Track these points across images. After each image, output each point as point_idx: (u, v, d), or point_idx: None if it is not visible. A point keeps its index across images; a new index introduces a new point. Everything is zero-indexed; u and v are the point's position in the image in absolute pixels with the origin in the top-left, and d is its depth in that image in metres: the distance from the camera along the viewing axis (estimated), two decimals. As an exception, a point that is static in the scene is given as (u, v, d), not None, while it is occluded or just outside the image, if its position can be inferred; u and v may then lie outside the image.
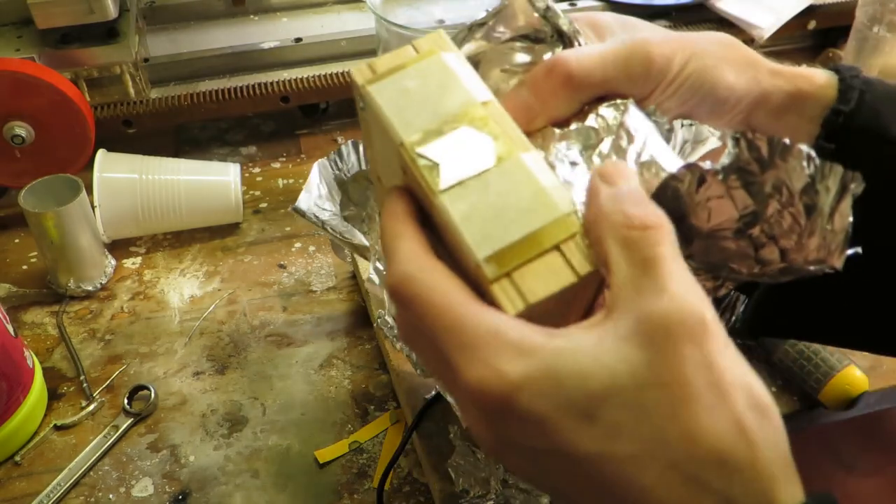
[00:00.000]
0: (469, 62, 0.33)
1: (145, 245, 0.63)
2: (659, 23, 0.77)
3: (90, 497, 0.46)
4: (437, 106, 0.30)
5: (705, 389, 0.23)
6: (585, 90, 0.33)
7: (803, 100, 0.36)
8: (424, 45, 0.31)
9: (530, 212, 0.28)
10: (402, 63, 0.31)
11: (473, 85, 0.30)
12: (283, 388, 0.52)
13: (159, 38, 0.72)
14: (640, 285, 0.25)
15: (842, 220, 0.29)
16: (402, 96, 0.30)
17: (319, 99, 0.71)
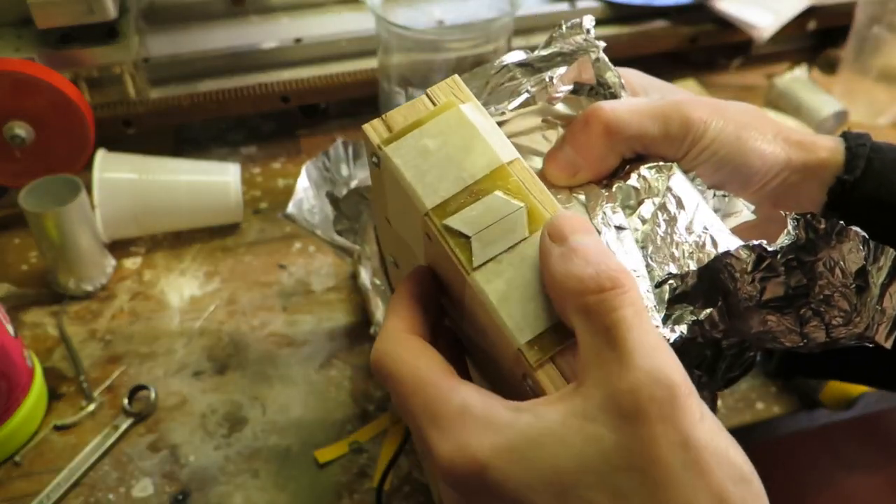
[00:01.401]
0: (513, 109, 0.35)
1: (145, 245, 0.63)
2: (659, 23, 0.77)
3: (90, 497, 0.46)
4: (460, 168, 0.27)
5: (682, 470, 0.22)
6: (622, 142, 0.33)
7: (816, 169, 0.36)
8: (440, 94, 0.29)
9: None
10: (419, 119, 0.28)
11: (497, 141, 0.28)
12: (283, 388, 0.52)
13: (159, 38, 0.72)
14: (604, 358, 0.24)
15: (892, 301, 0.30)
16: (422, 158, 0.28)
17: (319, 99, 0.71)
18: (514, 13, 0.54)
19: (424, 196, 0.27)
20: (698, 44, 0.78)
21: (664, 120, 0.33)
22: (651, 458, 0.22)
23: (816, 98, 0.73)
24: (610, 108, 0.34)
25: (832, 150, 0.36)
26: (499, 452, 0.23)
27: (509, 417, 0.24)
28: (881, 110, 0.75)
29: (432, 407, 0.25)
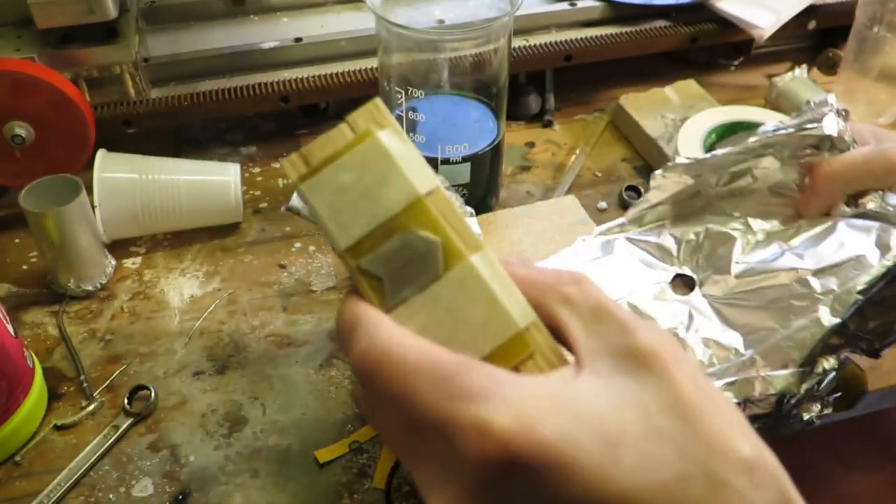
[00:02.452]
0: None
1: (145, 245, 0.63)
2: (659, 23, 0.77)
3: (90, 497, 0.46)
4: (376, 204, 0.26)
5: (709, 402, 0.24)
6: (837, 184, 0.46)
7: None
8: (360, 121, 0.28)
9: (485, 329, 0.25)
10: (337, 151, 0.27)
11: (415, 171, 0.27)
12: (283, 388, 0.52)
13: (159, 38, 0.72)
14: (602, 332, 0.25)
15: None
16: (338, 195, 0.26)
17: (319, 99, 0.70)
18: (514, 13, 0.54)
19: (339, 236, 0.26)
20: (698, 44, 0.78)
21: (867, 163, 0.45)
22: (679, 396, 0.23)
23: (816, 98, 0.73)
24: (826, 161, 0.47)
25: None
26: (547, 408, 0.23)
27: (538, 381, 0.24)
28: (881, 110, 0.75)
29: (455, 379, 0.24)
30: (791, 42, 0.87)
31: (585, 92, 0.80)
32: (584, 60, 0.75)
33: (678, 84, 0.76)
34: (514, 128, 0.75)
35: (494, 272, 0.26)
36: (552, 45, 0.73)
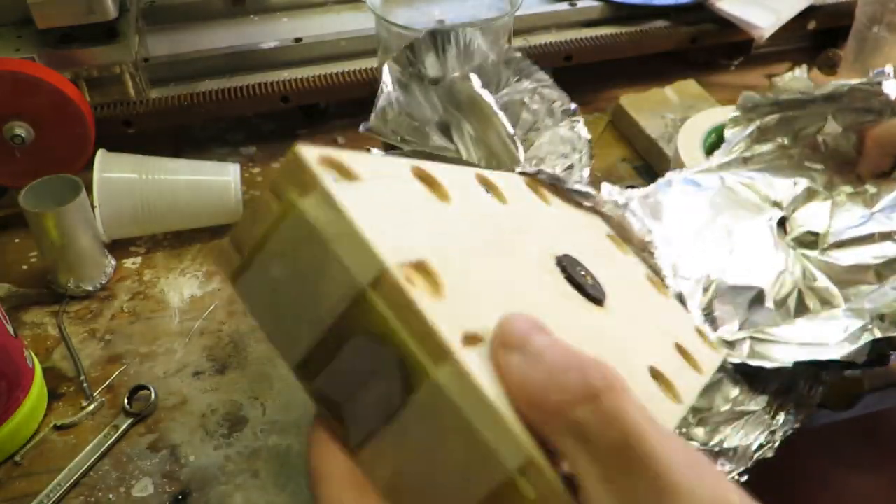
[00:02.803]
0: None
1: (145, 245, 0.63)
2: (659, 23, 0.77)
3: (90, 497, 0.46)
4: (316, 305, 0.20)
5: None
6: (886, 146, 0.49)
7: None
8: (282, 186, 0.20)
9: (467, 473, 0.19)
10: (265, 231, 0.20)
11: (356, 251, 0.19)
12: (283, 388, 0.52)
13: (159, 38, 0.72)
14: (627, 488, 0.17)
15: None
16: (273, 294, 0.21)
17: (319, 99, 0.71)
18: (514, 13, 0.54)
19: (285, 352, 0.22)
20: (698, 44, 0.78)
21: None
22: None
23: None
24: (878, 126, 0.50)
25: None
26: None
27: None
28: (881, 110, 0.75)
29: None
30: (791, 42, 0.87)
31: (585, 92, 0.80)
32: (584, 60, 0.75)
33: (678, 84, 0.76)
34: (514, 128, 0.75)
35: (471, 393, 0.18)
36: (552, 45, 0.73)
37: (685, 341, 0.33)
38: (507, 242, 0.27)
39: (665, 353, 0.31)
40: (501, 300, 0.23)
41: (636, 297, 0.35)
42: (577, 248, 0.32)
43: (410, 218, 0.22)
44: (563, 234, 0.34)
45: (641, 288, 0.37)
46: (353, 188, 0.20)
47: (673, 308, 0.38)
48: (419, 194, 0.25)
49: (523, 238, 0.29)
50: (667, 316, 0.36)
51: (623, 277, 0.35)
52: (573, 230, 0.36)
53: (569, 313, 0.27)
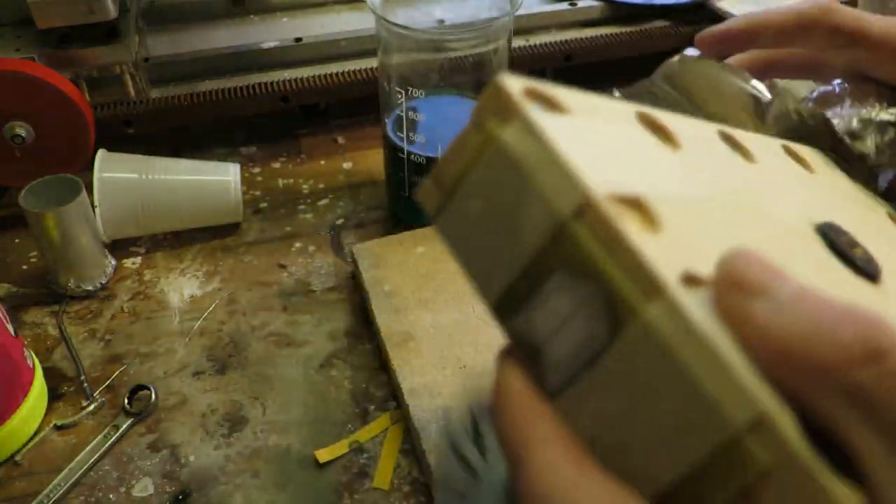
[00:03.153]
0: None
1: (145, 245, 0.63)
2: (659, 23, 0.77)
3: (90, 497, 0.46)
4: (515, 241, 0.18)
5: None
6: None
7: None
8: (482, 115, 0.19)
9: (680, 430, 0.16)
10: (465, 164, 0.19)
11: (558, 181, 0.17)
12: (283, 388, 0.52)
13: (159, 38, 0.72)
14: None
15: None
16: (473, 230, 0.19)
17: (319, 99, 0.71)
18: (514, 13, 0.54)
19: (483, 289, 0.19)
20: (698, 44, 0.78)
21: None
22: None
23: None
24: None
25: None
26: None
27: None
28: (881, 110, 0.75)
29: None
30: (791, 42, 0.87)
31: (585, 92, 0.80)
32: (584, 60, 0.75)
33: (678, 84, 0.76)
34: (514, 128, 0.75)
35: (688, 332, 0.16)
36: (552, 45, 0.73)
37: None
38: (751, 199, 0.24)
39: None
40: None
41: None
42: (848, 222, 0.27)
43: (627, 156, 0.20)
44: (830, 204, 0.29)
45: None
46: (561, 120, 0.19)
47: None
48: (642, 137, 0.22)
49: (773, 200, 0.25)
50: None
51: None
52: (844, 203, 0.30)
53: (830, 284, 0.22)
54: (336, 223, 0.65)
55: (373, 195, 0.68)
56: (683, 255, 0.18)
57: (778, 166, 0.29)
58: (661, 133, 0.23)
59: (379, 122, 0.63)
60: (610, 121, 0.21)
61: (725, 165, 0.25)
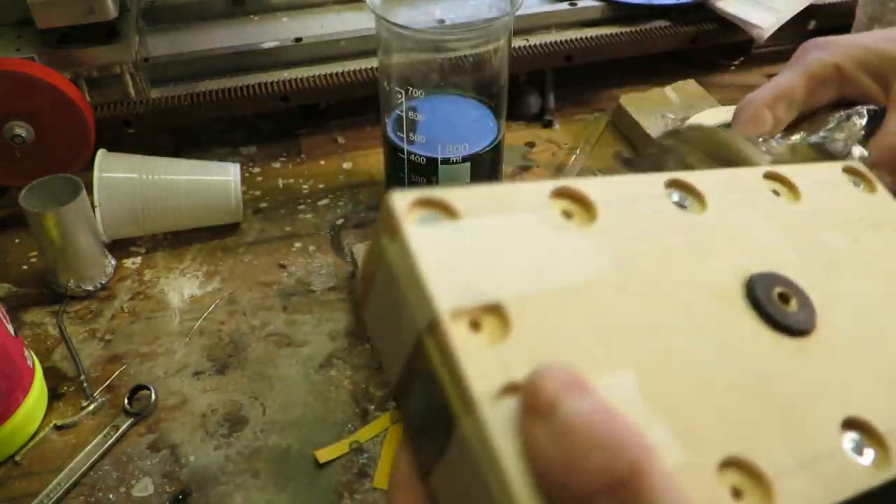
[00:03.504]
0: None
1: (145, 245, 0.63)
2: (659, 23, 0.77)
3: (90, 497, 0.46)
4: (398, 342, 0.21)
5: None
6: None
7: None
8: (380, 228, 0.21)
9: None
10: (371, 271, 0.22)
11: (420, 293, 0.20)
12: (283, 388, 0.52)
13: (159, 38, 0.72)
14: None
15: None
16: (379, 328, 0.22)
17: (319, 99, 0.71)
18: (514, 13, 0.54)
19: (389, 375, 0.22)
20: (698, 44, 0.78)
21: None
22: None
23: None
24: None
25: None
26: None
27: None
28: (881, 110, 0.75)
29: None
30: (791, 42, 0.87)
31: (585, 92, 0.80)
32: (584, 60, 0.75)
33: (678, 84, 0.76)
34: (514, 128, 0.75)
35: (487, 451, 0.18)
36: (552, 45, 0.73)
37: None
38: (664, 267, 0.25)
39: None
40: (608, 342, 0.21)
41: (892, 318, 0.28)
42: (820, 254, 0.28)
43: (508, 254, 0.22)
44: (806, 236, 0.29)
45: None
46: (444, 228, 0.21)
47: None
48: (542, 224, 0.23)
49: (705, 255, 0.26)
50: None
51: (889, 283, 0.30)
52: (833, 230, 0.30)
53: (725, 356, 0.23)
54: (336, 223, 0.65)
55: (373, 195, 0.68)
56: (525, 360, 0.20)
57: (741, 205, 0.29)
58: (579, 205, 0.24)
59: (379, 122, 0.63)
60: (509, 213, 0.23)
61: (651, 230, 0.25)
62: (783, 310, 0.25)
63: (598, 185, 0.25)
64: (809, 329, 0.25)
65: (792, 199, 0.30)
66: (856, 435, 0.24)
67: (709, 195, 0.27)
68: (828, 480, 0.22)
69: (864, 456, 0.23)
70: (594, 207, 0.24)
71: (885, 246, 0.31)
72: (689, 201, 0.27)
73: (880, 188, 0.34)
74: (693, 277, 0.25)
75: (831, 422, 0.23)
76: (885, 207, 0.34)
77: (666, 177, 0.27)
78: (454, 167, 0.58)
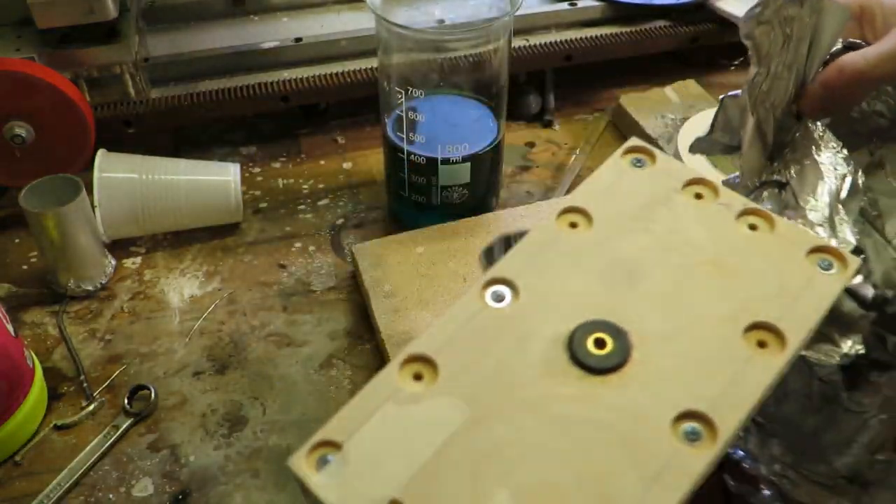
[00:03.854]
0: None
1: (145, 245, 0.63)
2: (659, 23, 0.77)
3: (90, 497, 0.46)
4: None
5: None
6: (872, 85, 0.41)
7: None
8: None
9: None
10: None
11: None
12: (283, 388, 0.52)
13: (159, 38, 0.72)
14: None
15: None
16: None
17: (319, 99, 0.71)
18: (514, 13, 0.54)
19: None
20: (699, 44, 0.78)
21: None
22: None
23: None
24: (863, 59, 0.40)
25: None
26: None
27: None
28: (881, 110, 0.75)
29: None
30: (791, 42, 0.87)
31: (585, 92, 0.80)
32: (584, 60, 0.75)
33: (678, 84, 0.76)
34: (514, 128, 0.75)
35: None
36: (552, 45, 0.73)
37: (775, 305, 0.31)
38: (501, 378, 0.30)
39: (719, 366, 0.30)
40: (480, 475, 0.27)
41: (697, 294, 0.32)
42: (623, 266, 0.33)
43: (386, 452, 0.28)
44: (600, 263, 0.34)
45: (724, 258, 0.34)
46: (335, 464, 0.27)
47: (777, 246, 0.34)
48: (400, 406, 0.29)
49: (525, 344, 0.31)
50: (749, 279, 0.33)
51: (697, 265, 0.33)
52: (622, 234, 0.35)
53: (564, 428, 0.28)
54: (336, 223, 0.65)
55: (373, 195, 0.68)
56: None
57: (547, 268, 0.34)
58: (424, 364, 0.30)
59: (379, 122, 0.63)
60: (372, 415, 0.29)
61: (481, 343, 0.31)
62: (598, 354, 0.30)
63: (431, 338, 0.31)
64: (626, 357, 0.30)
65: (587, 227, 0.35)
66: (688, 425, 0.28)
67: (516, 277, 0.33)
68: (673, 482, 0.26)
69: (700, 439, 0.28)
70: (435, 361, 0.30)
71: (672, 217, 0.35)
72: (506, 293, 0.32)
73: (659, 154, 0.39)
74: (523, 369, 0.30)
75: (664, 427, 0.28)
76: (666, 175, 0.38)
77: (485, 279, 0.33)
78: (454, 167, 0.58)
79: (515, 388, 0.29)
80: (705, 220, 0.35)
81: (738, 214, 0.35)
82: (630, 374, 0.30)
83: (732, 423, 0.28)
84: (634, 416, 0.28)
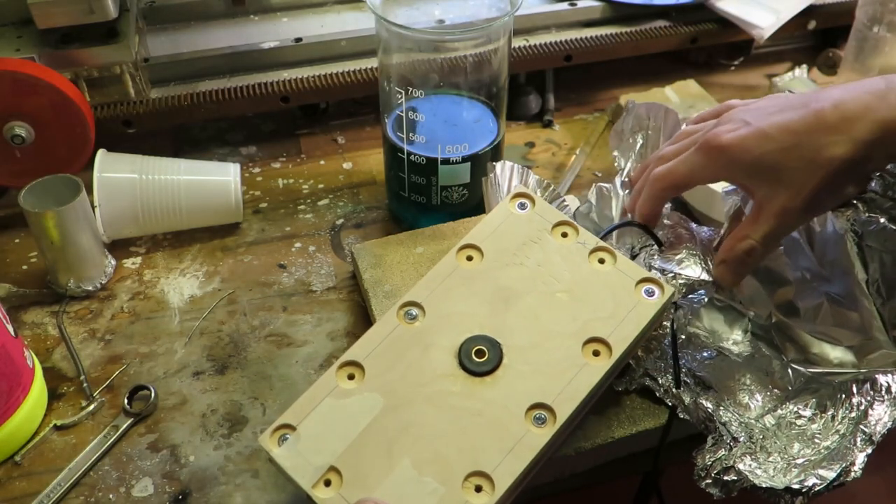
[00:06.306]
0: None
1: (145, 245, 0.63)
2: (659, 23, 0.77)
3: (90, 497, 0.46)
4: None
5: None
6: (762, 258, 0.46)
7: None
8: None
9: None
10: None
11: (295, 482, 0.39)
12: (283, 388, 0.52)
13: (159, 38, 0.72)
14: None
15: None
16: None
17: (319, 99, 0.71)
18: (514, 13, 0.54)
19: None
20: (698, 44, 0.78)
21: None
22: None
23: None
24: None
25: None
26: None
27: None
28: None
29: None
30: (791, 42, 0.87)
31: (585, 92, 0.80)
32: (584, 60, 0.75)
33: (678, 84, 0.77)
34: (514, 128, 0.75)
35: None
36: (552, 45, 0.73)
37: (608, 324, 0.42)
38: (411, 378, 0.41)
39: (562, 370, 0.41)
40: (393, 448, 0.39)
41: (553, 315, 0.43)
42: (502, 293, 0.44)
43: (328, 432, 0.39)
44: (488, 290, 0.44)
45: (576, 287, 0.44)
46: (291, 442, 0.39)
47: (616, 278, 0.44)
48: (337, 399, 0.41)
49: (429, 353, 0.42)
50: (592, 303, 0.43)
51: (555, 287, 0.44)
52: (503, 267, 0.45)
53: (453, 414, 0.40)
54: (336, 223, 0.65)
55: (373, 195, 0.68)
56: (360, 492, 0.38)
57: (447, 291, 0.44)
58: (355, 367, 0.42)
59: (379, 122, 0.63)
60: (318, 406, 0.40)
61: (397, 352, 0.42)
62: (478, 361, 0.41)
63: (361, 348, 0.42)
64: (498, 364, 0.41)
65: (479, 260, 0.45)
66: (537, 413, 0.39)
67: (424, 301, 0.43)
68: (522, 453, 0.38)
69: (545, 423, 0.39)
70: (363, 365, 0.42)
71: (541, 253, 0.45)
72: (416, 313, 0.43)
73: (538, 199, 0.47)
74: (426, 371, 0.41)
75: (520, 415, 0.39)
76: (540, 217, 0.47)
77: (400, 303, 0.44)
78: (454, 167, 0.58)
79: (420, 386, 0.40)
80: (566, 256, 0.45)
81: (591, 251, 0.45)
82: (500, 376, 0.41)
83: (567, 411, 0.39)
84: (501, 406, 0.40)
